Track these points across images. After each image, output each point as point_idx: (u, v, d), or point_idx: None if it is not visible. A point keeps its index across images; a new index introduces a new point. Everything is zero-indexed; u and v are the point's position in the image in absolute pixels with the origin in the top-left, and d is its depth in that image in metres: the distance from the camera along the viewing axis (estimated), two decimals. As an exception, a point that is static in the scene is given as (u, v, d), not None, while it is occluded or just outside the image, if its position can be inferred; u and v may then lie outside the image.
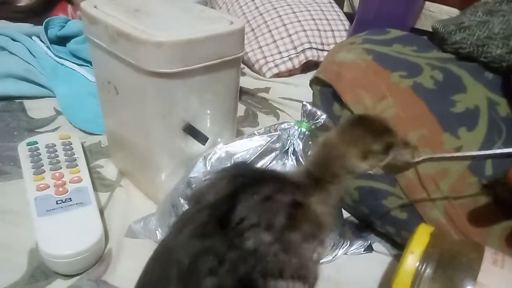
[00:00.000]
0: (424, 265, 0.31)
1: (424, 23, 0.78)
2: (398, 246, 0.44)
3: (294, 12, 0.85)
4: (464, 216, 0.37)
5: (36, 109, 0.65)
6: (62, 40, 0.75)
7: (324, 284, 0.33)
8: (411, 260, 0.31)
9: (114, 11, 0.41)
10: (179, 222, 0.27)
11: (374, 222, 0.45)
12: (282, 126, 0.41)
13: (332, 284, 0.40)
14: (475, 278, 0.29)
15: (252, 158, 0.39)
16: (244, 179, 0.27)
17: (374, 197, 0.42)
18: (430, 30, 0.51)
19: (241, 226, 0.24)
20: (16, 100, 0.66)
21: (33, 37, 0.74)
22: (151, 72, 0.37)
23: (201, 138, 0.43)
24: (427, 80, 0.43)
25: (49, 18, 0.74)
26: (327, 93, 0.49)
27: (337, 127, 0.29)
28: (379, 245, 0.45)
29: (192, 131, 0.43)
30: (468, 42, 0.45)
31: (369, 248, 0.44)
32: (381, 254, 0.44)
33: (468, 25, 0.46)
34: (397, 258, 0.38)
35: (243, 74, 0.83)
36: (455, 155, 0.37)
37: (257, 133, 0.42)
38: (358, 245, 0.44)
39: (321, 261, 0.39)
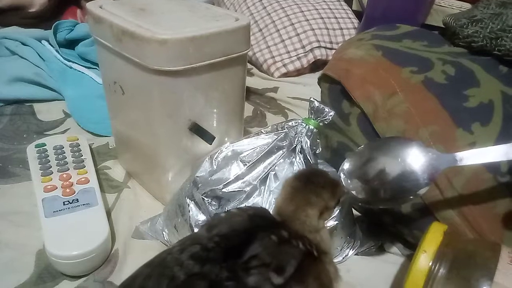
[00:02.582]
0: (438, 265, 0.30)
1: (435, 19, 0.76)
2: (411, 245, 0.42)
3: (302, 11, 0.85)
4: (479, 214, 0.36)
5: (46, 112, 0.65)
6: (70, 43, 0.75)
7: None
8: (424, 259, 0.30)
9: (119, 10, 0.41)
10: (184, 240, 0.27)
11: (386, 221, 0.44)
12: (290, 123, 0.40)
13: (342, 285, 0.39)
14: (491, 277, 0.27)
15: (259, 157, 0.38)
16: (263, 220, 0.27)
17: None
18: (442, 25, 0.50)
19: (251, 262, 0.23)
20: (26, 103, 0.67)
21: (43, 41, 0.75)
22: (156, 71, 0.37)
23: (208, 137, 0.43)
24: (439, 75, 0.42)
25: (58, 22, 0.75)
26: (335, 90, 0.48)
27: (284, 192, 0.30)
28: (390, 245, 0.44)
29: (198, 130, 0.42)
30: (481, 35, 0.44)
31: (381, 248, 0.43)
32: (393, 254, 0.43)
33: (480, 18, 0.45)
34: (410, 258, 0.37)
35: (251, 74, 0.83)
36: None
37: (264, 132, 0.41)
38: (369, 245, 0.42)
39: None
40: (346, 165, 0.37)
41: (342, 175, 0.37)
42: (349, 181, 0.36)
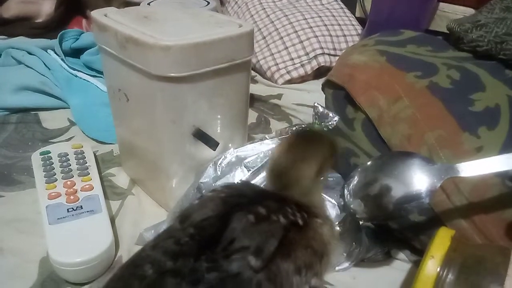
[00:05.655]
0: (446, 270, 0.29)
1: (439, 24, 0.76)
2: (418, 251, 0.42)
3: (305, 19, 0.85)
4: (487, 219, 0.35)
5: (51, 120, 0.66)
6: (76, 52, 0.76)
7: (340, 292, 0.32)
8: (432, 265, 0.29)
9: (123, 18, 0.42)
10: (159, 235, 0.26)
11: (392, 227, 0.43)
12: (294, 129, 0.40)
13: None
14: (502, 283, 0.27)
15: (263, 162, 0.38)
16: (239, 199, 0.26)
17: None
18: (445, 31, 0.50)
19: (230, 247, 0.22)
20: (32, 112, 0.67)
21: (48, 50, 0.76)
22: (159, 77, 0.37)
23: (212, 143, 0.43)
24: (444, 80, 0.41)
25: (63, 31, 0.76)
26: (340, 96, 0.48)
27: (280, 147, 0.29)
28: (397, 251, 0.43)
29: (202, 137, 0.42)
30: (486, 40, 0.44)
31: (387, 254, 0.42)
32: (400, 261, 0.42)
33: (485, 23, 0.45)
34: (417, 265, 0.36)
35: (255, 81, 0.83)
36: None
37: (268, 137, 0.41)
38: (375, 251, 0.42)
39: (337, 268, 0.37)
40: (351, 184, 0.37)
41: (346, 191, 0.37)
42: (351, 200, 0.36)
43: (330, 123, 0.39)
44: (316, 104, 0.39)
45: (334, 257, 0.27)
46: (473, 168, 0.32)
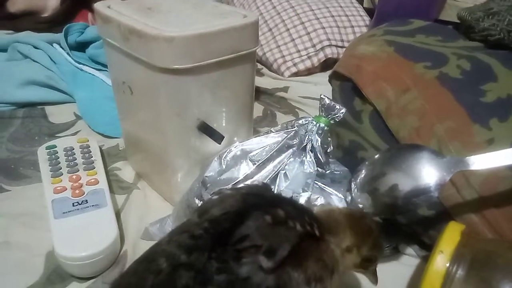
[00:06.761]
0: (455, 266, 0.28)
1: (449, 14, 0.74)
2: (426, 247, 0.41)
3: (312, 10, 0.84)
4: (498, 214, 0.34)
5: (57, 114, 0.66)
6: (81, 46, 0.76)
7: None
8: (441, 260, 0.29)
9: (126, 10, 0.41)
10: (174, 229, 0.26)
11: (400, 221, 0.42)
12: (300, 122, 0.39)
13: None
14: (513, 280, 0.26)
15: (268, 156, 0.38)
16: (258, 198, 0.26)
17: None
18: (456, 20, 0.49)
19: (241, 244, 0.22)
20: (38, 106, 0.67)
21: (54, 44, 0.76)
22: (163, 69, 0.37)
23: (217, 137, 0.42)
24: (454, 70, 0.40)
25: (68, 25, 0.76)
26: (347, 87, 0.47)
27: (349, 208, 0.30)
28: (405, 246, 0.42)
29: (207, 130, 0.42)
30: (498, 28, 0.42)
31: (395, 250, 0.42)
32: (408, 256, 0.41)
33: (497, 11, 0.43)
34: (426, 260, 0.35)
35: (261, 74, 0.82)
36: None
37: (273, 130, 0.40)
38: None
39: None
40: (358, 177, 0.36)
41: (353, 185, 0.37)
42: (358, 194, 0.36)
43: (337, 115, 0.38)
44: (322, 96, 0.39)
45: (339, 281, 0.27)
46: (484, 161, 0.31)
